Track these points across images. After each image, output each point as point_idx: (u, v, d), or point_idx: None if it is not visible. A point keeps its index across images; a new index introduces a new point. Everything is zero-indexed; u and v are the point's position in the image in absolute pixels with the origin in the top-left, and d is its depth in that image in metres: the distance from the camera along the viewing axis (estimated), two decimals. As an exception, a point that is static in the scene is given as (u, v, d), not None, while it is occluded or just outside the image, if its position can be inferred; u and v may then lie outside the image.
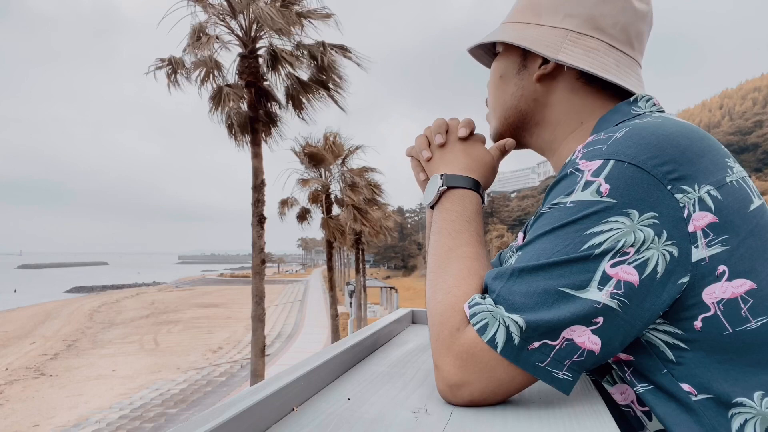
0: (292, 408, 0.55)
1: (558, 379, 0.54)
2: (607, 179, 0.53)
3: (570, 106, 0.71)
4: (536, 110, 0.74)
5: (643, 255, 0.51)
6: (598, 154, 0.56)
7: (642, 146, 0.54)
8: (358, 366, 0.75)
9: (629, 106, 0.67)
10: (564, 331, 0.52)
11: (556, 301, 0.53)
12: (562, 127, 0.73)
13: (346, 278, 42.68)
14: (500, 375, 0.55)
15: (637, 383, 0.58)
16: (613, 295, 0.52)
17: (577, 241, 0.53)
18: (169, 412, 12.53)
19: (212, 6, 8.76)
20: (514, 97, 0.75)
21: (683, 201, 0.52)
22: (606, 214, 0.52)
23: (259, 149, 9.23)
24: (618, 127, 0.59)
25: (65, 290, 64.24)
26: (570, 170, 0.57)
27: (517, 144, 0.80)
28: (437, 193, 0.70)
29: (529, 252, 0.57)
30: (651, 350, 0.56)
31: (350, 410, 0.56)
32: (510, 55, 0.75)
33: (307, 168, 14.98)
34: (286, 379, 0.55)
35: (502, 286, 0.56)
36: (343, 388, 0.64)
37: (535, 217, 0.61)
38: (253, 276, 9.14)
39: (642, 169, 0.53)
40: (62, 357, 21.13)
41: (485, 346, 0.54)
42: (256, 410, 0.48)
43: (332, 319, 15.70)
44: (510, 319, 0.54)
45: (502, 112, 0.77)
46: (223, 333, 25.06)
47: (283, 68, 9.27)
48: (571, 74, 0.70)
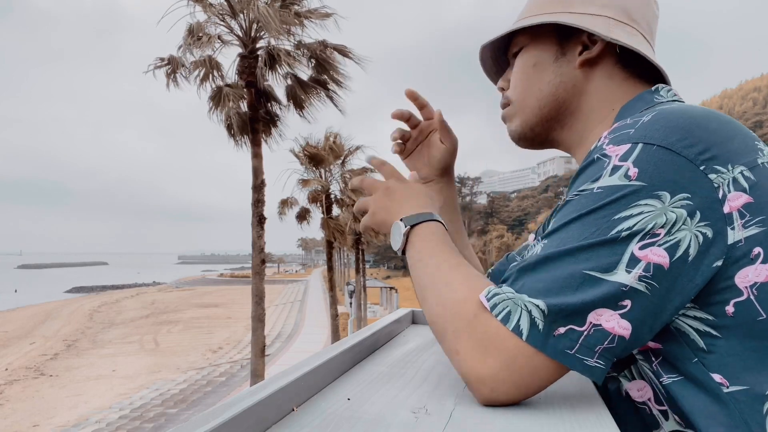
0: (292, 408, 0.55)
1: (590, 367, 0.51)
2: (635, 163, 0.52)
3: (607, 93, 0.71)
4: (574, 98, 0.72)
5: (675, 236, 0.50)
6: (625, 139, 0.54)
7: (671, 128, 0.53)
8: (358, 366, 0.75)
9: (651, 94, 0.67)
10: (590, 315, 0.50)
11: (582, 284, 0.51)
12: (595, 114, 0.72)
13: (346, 278, 42.67)
14: (528, 365, 0.52)
15: (665, 374, 0.56)
16: (641, 278, 0.50)
17: (606, 226, 0.51)
18: (169, 412, 12.53)
19: (212, 6, 8.76)
20: (552, 84, 0.73)
21: (717, 181, 0.50)
22: (635, 197, 0.51)
23: (259, 149, 9.24)
24: (643, 113, 0.58)
25: (65, 290, 64.25)
26: (596, 156, 0.56)
27: (542, 141, 0.78)
28: (403, 236, 0.69)
29: (554, 239, 0.55)
30: (681, 338, 0.54)
31: (350, 410, 0.56)
32: (543, 43, 0.73)
33: (307, 168, 14.99)
34: (286, 379, 0.55)
35: (527, 275, 0.54)
36: (343, 388, 0.64)
37: (561, 205, 0.59)
38: (253, 276, 9.15)
39: (672, 151, 0.51)
40: (62, 357, 21.13)
41: (509, 334, 0.52)
42: (256, 410, 0.48)
43: (332, 319, 15.70)
44: (532, 304, 0.52)
45: (537, 101, 0.74)
46: (223, 333, 25.06)
47: (282, 68, 9.27)
48: (611, 60, 0.70)
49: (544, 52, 0.73)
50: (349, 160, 16.20)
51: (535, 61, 0.74)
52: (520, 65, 0.76)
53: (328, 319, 18.73)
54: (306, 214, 15.06)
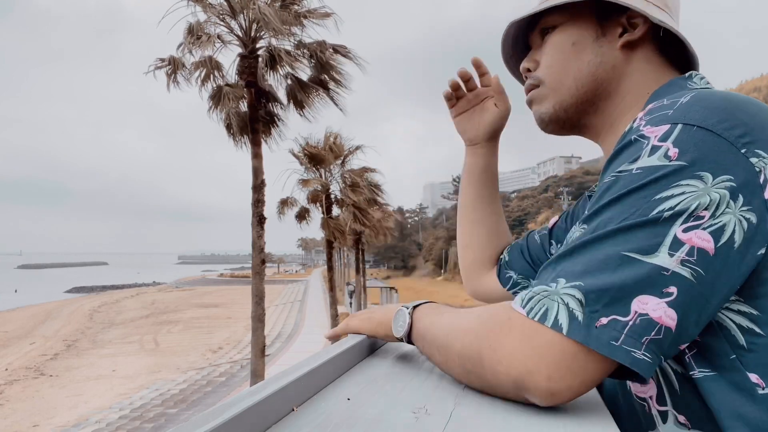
0: (292, 408, 0.55)
1: (638, 360, 0.47)
2: (675, 143, 0.50)
3: (643, 77, 0.70)
4: (612, 80, 0.71)
5: (720, 220, 0.48)
6: (663, 119, 0.53)
7: (711, 110, 0.51)
8: (358, 366, 0.75)
9: (685, 80, 0.67)
10: (634, 303, 0.47)
11: (620, 266, 0.48)
12: (629, 98, 0.71)
13: (346, 278, 42.69)
14: (574, 361, 0.49)
15: (697, 368, 0.53)
16: (684, 263, 0.47)
17: (646, 206, 0.49)
18: (169, 412, 12.52)
19: (212, 6, 8.76)
20: (592, 64, 0.70)
21: (759, 165, 0.49)
22: (676, 177, 0.49)
23: (259, 149, 9.24)
24: (680, 93, 0.57)
25: (65, 290, 64.21)
26: (633, 137, 0.54)
27: (573, 125, 0.76)
28: (408, 319, 0.69)
29: (593, 222, 0.53)
30: (721, 332, 0.52)
31: (350, 410, 0.56)
32: (582, 22, 0.71)
33: (307, 168, 14.99)
34: (286, 379, 0.55)
35: (564, 260, 0.53)
36: (343, 388, 0.64)
37: (598, 188, 0.57)
38: (253, 276, 9.15)
39: (713, 132, 0.50)
40: (62, 357, 21.13)
41: (549, 331, 0.49)
42: (256, 410, 0.48)
43: (332, 319, 15.70)
44: (568, 295, 0.49)
45: (575, 81, 0.72)
46: (223, 333, 25.05)
47: (283, 68, 9.28)
48: (649, 44, 0.70)
49: (584, 30, 0.71)
50: (349, 159, 16.22)
51: (575, 40, 0.71)
52: (557, 44, 0.73)
53: (328, 319, 18.73)
54: (306, 214, 15.07)
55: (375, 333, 0.78)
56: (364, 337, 0.80)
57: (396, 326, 0.72)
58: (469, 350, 0.57)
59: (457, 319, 0.62)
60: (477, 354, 0.56)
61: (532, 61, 0.77)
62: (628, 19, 0.69)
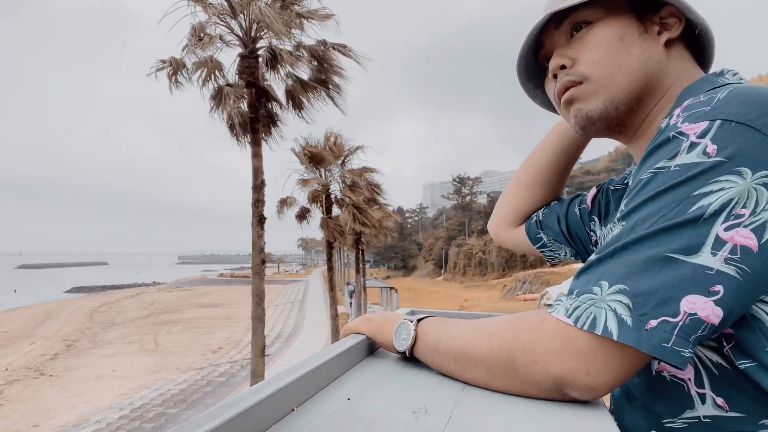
0: (292, 408, 0.55)
1: (685, 358, 0.49)
2: (713, 140, 0.50)
3: (679, 73, 0.70)
4: (658, 75, 0.69)
5: (761, 217, 0.48)
6: (701, 116, 0.53)
7: (749, 105, 0.51)
8: (358, 366, 0.75)
9: (716, 77, 0.66)
10: (682, 304, 0.48)
11: (663, 267, 0.49)
12: (669, 94, 0.70)
13: (346, 278, 42.65)
14: (614, 360, 0.51)
15: (737, 360, 0.55)
16: (728, 261, 0.48)
17: (686, 202, 0.50)
18: (169, 412, 12.51)
19: (212, 6, 8.76)
20: (642, 58, 0.68)
21: None
22: (715, 173, 0.49)
23: (259, 149, 9.24)
24: (716, 89, 0.56)
25: (65, 290, 64.16)
26: (671, 134, 0.54)
27: (619, 123, 0.72)
28: (413, 332, 0.70)
29: (631, 220, 0.54)
30: (756, 324, 0.53)
31: (350, 410, 0.56)
32: (623, 17, 0.69)
33: (307, 168, 14.99)
34: (286, 379, 0.55)
35: (606, 262, 0.53)
36: (343, 388, 0.64)
37: (634, 185, 0.57)
38: (253, 276, 9.14)
39: (752, 128, 0.50)
40: (62, 357, 21.12)
41: (603, 339, 0.50)
42: (256, 410, 0.48)
43: (332, 319, 15.70)
44: (613, 300, 0.50)
45: (626, 77, 0.68)
46: (223, 333, 25.04)
47: (283, 68, 9.28)
48: (682, 42, 0.71)
49: (627, 25, 0.69)
50: (350, 159, 16.21)
51: (622, 34, 0.69)
52: (602, 38, 0.69)
53: (328, 319, 18.72)
54: (306, 214, 15.05)
55: (373, 337, 0.79)
56: (364, 337, 0.80)
57: (398, 340, 0.72)
58: (498, 354, 0.59)
59: (477, 326, 0.63)
60: (507, 356, 0.58)
61: (567, 58, 0.72)
62: (661, 18, 0.70)
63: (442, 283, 68.58)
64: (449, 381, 0.66)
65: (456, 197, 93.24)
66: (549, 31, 0.74)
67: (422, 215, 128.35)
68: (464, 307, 35.16)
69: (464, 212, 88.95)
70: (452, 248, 73.38)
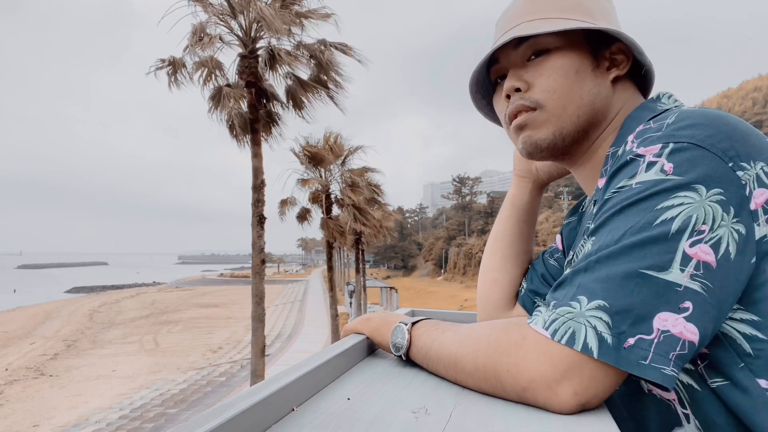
0: (292, 408, 0.55)
1: (668, 376, 0.50)
2: (669, 159, 0.53)
3: (624, 104, 0.73)
4: (604, 109, 0.72)
5: (717, 233, 0.51)
6: (655, 140, 0.56)
7: (697, 126, 0.54)
8: (358, 366, 0.75)
9: (654, 103, 0.70)
10: (655, 321, 0.50)
11: (638, 284, 0.51)
12: (611, 125, 0.73)
13: (346, 278, 42.65)
14: (597, 377, 0.52)
15: (710, 379, 0.56)
16: (693, 277, 0.50)
17: (649, 215, 0.52)
18: (169, 412, 12.52)
19: (212, 6, 8.76)
20: (592, 94, 0.70)
21: (744, 178, 0.52)
22: (674, 190, 0.52)
23: (259, 149, 9.24)
24: (664, 114, 0.60)
25: (65, 290, 64.20)
26: (629, 157, 0.57)
27: (564, 152, 0.75)
28: (407, 336, 0.71)
29: (601, 236, 0.56)
30: (727, 342, 0.54)
31: (350, 410, 0.56)
32: (579, 50, 0.70)
33: (307, 168, 14.99)
34: (286, 379, 0.55)
35: (580, 276, 0.55)
36: (343, 388, 0.64)
37: (599, 204, 0.60)
38: (253, 276, 9.14)
39: (702, 148, 0.53)
40: (62, 357, 21.12)
41: (573, 352, 0.52)
42: (256, 410, 0.48)
43: (332, 319, 15.70)
44: (593, 316, 0.51)
45: (576, 110, 0.70)
46: (223, 333, 25.05)
47: (282, 68, 9.27)
48: (627, 75, 0.73)
49: (583, 59, 0.70)
50: (350, 159, 16.21)
51: (578, 68, 0.70)
52: (558, 68, 0.70)
53: (328, 319, 18.73)
54: (306, 214, 15.06)
55: (372, 337, 0.80)
56: (364, 337, 0.80)
57: (394, 343, 0.74)
58: (483, 371, 0.59)
59: (462, 338, 0.64)
60: (492, 373, 0.58)
61: (523, 81, 0.72)
62: (611, 53, 0.72)
63: (442, 282, 68.62)
64: (449, 381, 0.66)
65: (456, 197, 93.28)
66: (506, 49, 0.73)
67: (422, 215, 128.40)
68: (464, 307, 35.19)
69: (464, 212, 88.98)
70: (452, 248, 73.41)
